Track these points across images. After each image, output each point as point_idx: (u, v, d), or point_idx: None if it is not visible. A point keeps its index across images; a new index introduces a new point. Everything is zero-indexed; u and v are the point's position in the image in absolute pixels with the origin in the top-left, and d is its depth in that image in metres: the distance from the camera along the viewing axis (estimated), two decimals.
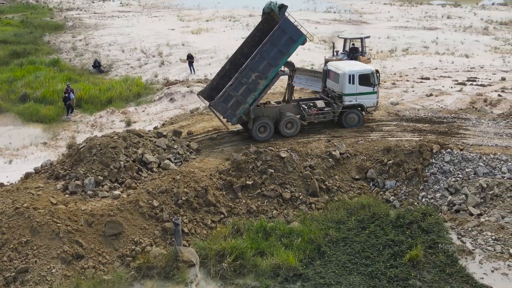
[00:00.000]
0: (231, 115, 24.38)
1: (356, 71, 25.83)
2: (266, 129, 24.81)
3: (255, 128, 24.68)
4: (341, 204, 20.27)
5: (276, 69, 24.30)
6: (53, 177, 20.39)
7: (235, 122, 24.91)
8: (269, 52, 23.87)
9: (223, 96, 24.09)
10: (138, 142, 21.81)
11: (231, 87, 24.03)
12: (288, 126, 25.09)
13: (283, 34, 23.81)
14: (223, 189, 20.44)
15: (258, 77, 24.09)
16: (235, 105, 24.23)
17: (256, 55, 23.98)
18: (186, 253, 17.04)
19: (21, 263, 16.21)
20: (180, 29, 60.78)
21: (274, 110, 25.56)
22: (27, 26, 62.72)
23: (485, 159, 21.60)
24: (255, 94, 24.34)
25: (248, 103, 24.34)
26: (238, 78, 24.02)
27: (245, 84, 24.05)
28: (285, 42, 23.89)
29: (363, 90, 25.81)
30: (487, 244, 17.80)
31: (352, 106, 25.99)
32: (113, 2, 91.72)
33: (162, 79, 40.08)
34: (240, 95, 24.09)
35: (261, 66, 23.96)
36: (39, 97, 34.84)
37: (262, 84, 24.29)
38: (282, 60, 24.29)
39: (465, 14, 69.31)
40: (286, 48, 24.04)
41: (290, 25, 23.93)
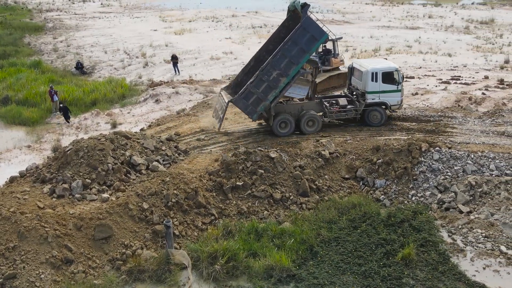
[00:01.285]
0: (252, 111, 24.57)
1: (379, 69, 25.55)
2: (287, 125, 24.96)
3: (276, 124, 24.86)
4: (332, 203, 20.23)
5: (298, 67, 24.30)
6: (39, 180, 19.99)
7: (256, 118, 25.13)
8: (290, 50, 23.88)
9: (244, 93, 24.24)
10: (125, 144, 21.51)
11: (252, 84, 24.17)
12: (309, 124, 25.15)
13: (305, 32, 23.82)
14: (213, 190, 20.27)
15: (279, 75, 24.16)
16: (256, 102, 24.37)
17: (277, 53, 24.02)
18: (177, 255, 16.87)
19: (9, 269, 15.84)
20: (163, 30, 60.39)
21: (296, 106, 25.64)
22: (6, 28, 61.69)
23: (473, 157, 21.76)
24: (276, 91, 24.43)
25: (269, 100, 24.44)
26: (259, 75, 24.13)
27: (266, 82, 24.14)
28: (307, 40, 23.90)
29: (386, 88, 25.56)
30: (478, 242, 17.92)
31: (375, 104, 25.77)
32: (94, 3, 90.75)
33: (147, 80, 39.77)
34: (261, 92, 24.20)
35: (282, 64, 24.01)
36: (21, 99, 34.30)
37: (283, 82, 24.34)
38: (304, 59, 24.28)
39: (446, 13, 70.02)
40: (307, 47, 24.05)
41: (312, 23, 23.92)
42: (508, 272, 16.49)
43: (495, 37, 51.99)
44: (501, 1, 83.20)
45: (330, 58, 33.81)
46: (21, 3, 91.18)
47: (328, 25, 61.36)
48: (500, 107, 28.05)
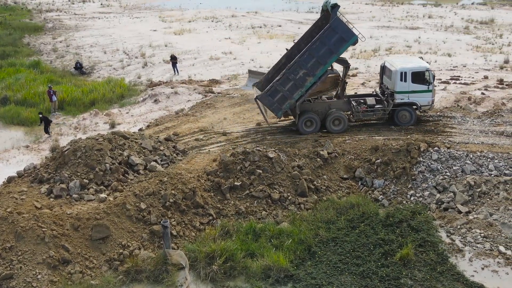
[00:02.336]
0: (277, 109, 24.74)
1: (408, 68, 25.05)
2: (313, 124, 25.07)
3: (301, 122, 25.01)
4: (330, 204, 20.17)
5: (325, 67, 24.36)
6: (36, 181, 19.96)
7: (281, 115, 25.28)
8: (318, 50, 23.94)
9: (270, 90, 24.44)
10: (123, 144, 21.47)
11: (278, 82, 24.37)
12: (335, 123, 25.13)
13: (334, 33, 23.83)
14: (211, 190, 20.22)
15: (306, 74, 24.27)
16: (281, 99, 24.55)
17: (305, 52, 24.13)
18: (175, 256, 16.83)
19: (6, 269, 15.83)
20: (163, 30, 60.29)
21: (324, 105, 25.60)
22: (5, 28, 61.61)
23: (472, 157, 21.71)
24: (302, 90, 24.54)
25: (294, 98, 24.56)
26: (286, 74, 24.29)
27: (292, 80, 24.30)
28: (335, 41, 23.90)
29: (416, 88, 25.06)
30: (476, 242, 17.87)
31: (404, 104, 25.35)
32: (94, 3, 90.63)
33: (146, 80, 39.68)
34: (286, 91, 24.38)
35: (310, 63, 24.10)
36: (20, 99, 34.23)
37: (309, 82, 24.46)
38: (331, 59, 24.34)
39: (446, 13, 69.86)
40: (336, 48, 24.08)
41: (341, 24, 23.89)
42: (506, 273, 16.46)
43: (495, 37, 51.87)
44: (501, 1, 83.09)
45: None
46: (21, 3, 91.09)
47: None
48: (500, 107, 27.97)
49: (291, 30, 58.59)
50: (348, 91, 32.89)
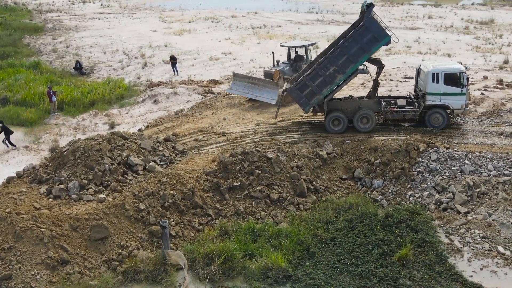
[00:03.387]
0: (304, 103, 24.80)
1: (441, 70, 24.43)
2: (340, 123, 24.99)
3: (328, 120, 24.98)
4: (329, 204, 20.17)
5: (355, 66, 24.33)
6: (36, 181, 19.98)
7: (308, 111, 25.34)
8: (350, 48, 23.90)
9: (300, 84, 24.55)
10: (123, 145, 21.48)
11: (308, 76, 24.44)
12: (363, 121, 24.97)
13: (367, 32, 23.75)
14: (210, 190, 20.21)
15: (336, 71, 24.24)
16: (310, 94, 24.60)
17: (336, 49, 24.14)
18: (174, 256, 16.83)
19: (4, 269, 15.82)
20: (162, 31, 60.32)
21: (353, 104, 25.47)
22: (5, 28, 61.65)
23: (471, 157, 21.71)
24: (331, 87, 24.56)
25: (323, 94, 24.58)
26: (316, 69, 24.34)
27: (322, 76, 24.32)
28: (368, 40, 23.81)
29: (448, 90, 24.36)
30: (475, 242, 17.87)
31: (436, 106, 24.72)
32: (94, 4, 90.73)
33: (145, 80, 39.69)
34: (316, 86, 24.40)
35: (340, 60, 24.07)
36: (20, 100, 34.24)
37: (339, 79, 24.45)
38: (363, 58, 24.23)
39: (446, 14, 69.89)
40: (368, 47, 23.97)
41: (374, 24, 23.80)
42: (505, 273, 16.47)
43: (495, 37, 51.86)
44: (501, 2, 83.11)
45: (302, 65, 31.63)
46: (21, 4, 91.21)
47: (328, 26, 61.64)
48: (499, 107, 27.94)
49: (291, 31, 58.62)
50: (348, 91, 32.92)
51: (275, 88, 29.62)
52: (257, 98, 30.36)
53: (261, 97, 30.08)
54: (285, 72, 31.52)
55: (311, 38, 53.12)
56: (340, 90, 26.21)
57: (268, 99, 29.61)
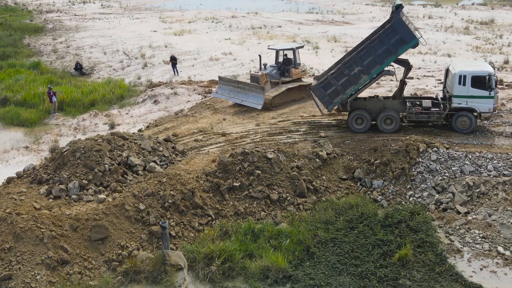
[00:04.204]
0: (328, 102, 24.67)
1: (468, 72, 23.60)
2: (363, 121, 24.81)
3: (351, 119, 24.85)
4: (329, 204, 20.19)
5: (381, 67, 24.13)
6: (36, 181, 19.98)
7: (331, 109, 25.22)
8: (376, 49, 23.72)
9: (324, 83, 24.45)
10: (122, 145, 21.50)
11: (332, 75, 24.35)
12: (387, 122, 24.68)
13: (394, 33, 23.49)
14: (210, 191, 20.22)
15: (361, 72, 24.10)
16: (333, 93, 24.48)
17: (363, 49, 23.98)
18: (174, 256, 16.84)
19: (4, 270, 15.83)
20: (163, 31, 60.33)
21: (378, 104, 25.22)
22: (6, 29, 61.70)
23: (471, 157, 21.71)
24: (355, 87, 24.40)
25: (346, 94, 24.46)
26: (341, 68, 24.23)
27: (347, 76, 24.19)
28: (395, 42, 23.56)
29: (475, 93, 23.54)
30: (475, 242, 17.88)
31: (462, 109, 23.99)
32: (94, 4, 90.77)
33: (146, 81, 39.71)
34: (340, 85, 24.27)
35: (366, 61, 23.91)
36: (20, 100, 34.29)
37: (364, 79, 24.31)
38: (389, 60, 24.01)
39: (446, 14, 69.86)
40: (394, 48, 23.73)
41: (402, 26, 23.46)
42: (505, 273, 16.50)
43: (495, 37, 51.86)
44: (501, 2, 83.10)
45: (290, 69, 31.26)
46: (21, 4, 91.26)
47: (328, 26, 61.62)
48: (499, 108, 27.92)
49: (291, 31, 58.63)
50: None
51: (261, 92, 29.13)
52: (242, 102, 29.83)
53: (247, 101, 29.57)
54: (272, 75, 30.85)
55: (311, 38, 53.18)
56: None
57: (254, 104, 29.14)
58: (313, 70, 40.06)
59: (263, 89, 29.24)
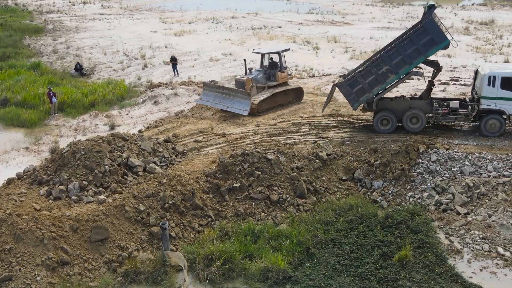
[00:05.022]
0: (353, 100, 24.52)
1: (498, 73, 23.14)
2: (389, 122, 24.65)
3: (377, 120, 24.69)
4: (329, 205, 20.19)
5: (410, 67, 23.85)
6: (36, 182, 19.99)
7: (356, 107, 25.03)
8: (405, 49, 23.45)
9: (351, 80, 24.28)
10: (123, 146, 21.51)
11: (360, 73, 24.16)
12: (413, 121, 24.43)
13: (425, 34, 23.20)
14: (210, 192, 20.24)
15: (389, 71, 23.87)
16: (360, 91, 24.30)
17: (392, 48, 23.76)
18: (174, 257, 16.84)
19: (5, 271, 15.81)
20: (163, 31, 60.39)
21: (404, 104, 24.94)
22: (6, 29, 61.76)
23: (471, 158, 21.72)
24: (382, 86, 24.19)
25: (373, 93, 24.27)
26: (369, 66, 24.06)
27: (374, 74, 23.99)
28: (425, 42, 23.23)
29: (505, 95, 23.08)
30: (475, 243, 17.88)
31: (490, 111, 23.54)
32: (94, 4, 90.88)
33: (146, 81, 39.74)
34: (367, 84, 24.09)
35: (395, 60, 23.68)
36: (20, 101, 34.30)
37: (391, 79, 24.08)
38: (418, 60, 23.73)
39: (446, 14, 69.85)
40: (424, 49, 23.41)
41: (434, 26, 23.13)
42: (505, 274, 16.48)
43: (495, 38, 51.88)
44: (501, 2, 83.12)
45: (276, 73, 30.44)
46: (22, 5, 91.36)
47: (328, 27, 61.67)
48: None
49: (291, 31, 58.67)
50: None
51: (247, 98, 28.40)
52: (228, 109, 29.08)
53: (233, 107, 28.84)
54: (258, 80, 30.04)
55: (311, 38, 53.20)
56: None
57: (240, 110, 28.44)
58: (313, 71, 40.10)
59: (249, 94, 28.50)
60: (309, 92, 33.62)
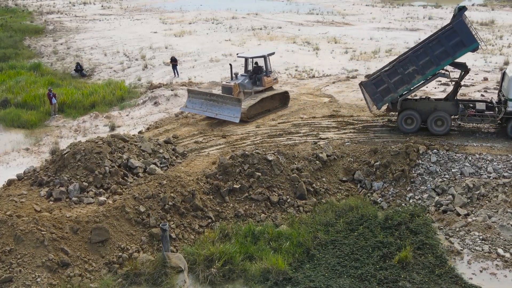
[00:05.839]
0: (378, 99, 24.36)
1: None
2: (413, 122, 24.43)
3: (401, 119, 24.51)
4: (329, 206, 20.21)
5: (437, 68, 23.63)
6: (36, 183, 20.01)
7: (380, 107, 24.90)
8: (433, 50, 23.25)
9: (376, 79, 24.14)
10: (123, 147, 21.53)
11: (386, 72, 23.99)
12: (438, 123, 24.18)
13: (454, 35, 22.92)
14: (210, 193, 20.26)
15: (415, 71, 23.66)
16: (385, 91, 24.15)
17: (419, 49, 23.57)
18: (174, 258, 16.86)
19: (5, 272, 15.85)
20: (163, 32, 60.41)
21: (429, 105, 24.67)
22: (6, 30, 61.80)
23: (471, 159, 21.75)
24: (408, 86, 24.01)
25: (398, 93, 24.10)
26: (396, 66, 23.87)
27: (400, 74, 23.79)
28: (454, 44, 22.97)
29: None
30: (475, 244, 17.90)
31: None
32: (94, 5, 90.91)
33: (146, 82, 39.73)
34: (392, 83, 23.93)
35: (422, 61, 23.48)
36: (20, 102, 34.32)
37: (418, 80, 23.87)
38: (445, 62, 23.51)
39: (446, 15, 69.81)
40: (453, 51, 23.13)
41: (464, 28, 22.81)
42: (505, 275, 16.51)
43: (495, 38, 51.87)
44: (501, 2, 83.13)
45: (262, 77, 29.50)
46: (22, 5, 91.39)
47: (328, 27, 61.68)
48: None
49: (292, 32, 58.66)
50: (348, 93, 32.96)
51: (237, 104, 27.30)
52: (217, 116, 27.80)
53: (222, 115, 27.63)
54: (245, 85, 29.09)
55: (311, 39, 53.19)
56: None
57: (229, 117, 27.30)
58: (313, 72, 40.11)
59: (239, 101, 27.40)
60: (309, 93, 33.64)
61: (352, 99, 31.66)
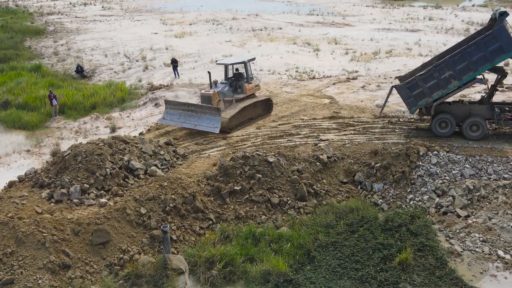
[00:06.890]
0: (412, 103, 24.14)
1: None
2: (447, 125, 24.10)
3: (435, 123, 24.21)
4: (329, 208, 20.22)
5: (474, 74, 23.19)
6: (37, 185, 20.07)
7: (414, 111, 24.65)
8: (472, 55, 22.81)
9: (410, 83, 23.89)
10: (124, 149, 21.57)
11: (421, 76, 23.70)
12: (473, 128, 23.75)
13: (494, 41, 22.41)
14: (211, 195, 20.29)
15: (452, 76, 23.29)
16: (419, 95, 23.89)
17: (457, 53, 23.17)
18: (175, 260, 16.88)
19: (6, 274, 15.87)
20: (164, 33, 60.48)
21: (463, 109, 24.27)
22: (7, 31, 61.88)
23: (471, 160, 21.77)
24: (443, 91, 23.64)
25: (432, 98, 23.78)
26: (431, 70, 23.54)
27: (436, 79, 23.46)
28: (494, 50, 22.49)
29: None
30: (475, 246, 17.92)
31: None
32: (95, 6, 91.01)
33: (146, 83, 39.76)
34: (427, 88, 23.64)
35: (459, 66, 23.08)
36: (21, 103, 34.36)
37: (454, 85, 23.47)
38: (483, 68, 23.02)
39: (447, 15, 69.92)
40: (491, 56, 22.65)
41: (504, 33, 22.30)
42: (505, 277, 16.50)
43: None
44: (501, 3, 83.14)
45: (243, 84, 28.48)
46: (22, 6, 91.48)
47: (328, 28, 61.74)
48: None
49: (292, 33, 58.72)
50: (348, 94, 32.99)
51: (216, 114, 25.98)
52: (196, 127, 26.47)
53: (201, 125, 26.26)
54: (225, 93, 27.85)
55: (311, 40, 53.22)
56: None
57: (209, 128, 25.95)
58: (313, 73, 40.15)
59: (218, 110, 26.03)
60: (309, 94, 33.68)
61: (353, 100, 31.71)
